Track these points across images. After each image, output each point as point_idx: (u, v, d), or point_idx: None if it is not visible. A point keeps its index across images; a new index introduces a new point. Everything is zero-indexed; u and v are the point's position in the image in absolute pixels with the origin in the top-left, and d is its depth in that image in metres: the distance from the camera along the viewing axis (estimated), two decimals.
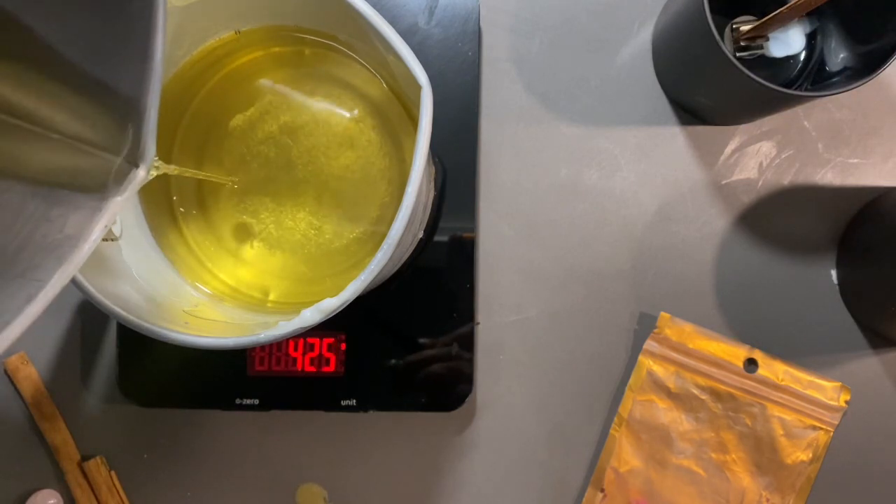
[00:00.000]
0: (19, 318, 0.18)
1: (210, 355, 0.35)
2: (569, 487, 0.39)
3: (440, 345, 0.37)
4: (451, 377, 0.37)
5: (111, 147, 0.22)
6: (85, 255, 0.20)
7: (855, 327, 0.39)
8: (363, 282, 0.25)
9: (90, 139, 0.21)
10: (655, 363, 0.38)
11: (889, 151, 0.39)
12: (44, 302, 0.18)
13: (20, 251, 0.19)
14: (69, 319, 0.40)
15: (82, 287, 0.26)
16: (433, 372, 0.37)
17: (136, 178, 0.22)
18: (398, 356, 0.37)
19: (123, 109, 0.21)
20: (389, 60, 0.28)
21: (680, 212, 0.39)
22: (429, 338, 0.37)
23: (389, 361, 0.37)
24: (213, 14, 0.31)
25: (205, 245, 0.34)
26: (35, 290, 0.18)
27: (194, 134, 0.34)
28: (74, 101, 0.21)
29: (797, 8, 0.33)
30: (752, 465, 0.37)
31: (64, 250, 0.19)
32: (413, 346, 0.37)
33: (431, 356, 0.37)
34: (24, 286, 0.19)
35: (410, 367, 0.37)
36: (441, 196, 0.38)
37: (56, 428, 0.39)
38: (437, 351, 0.37)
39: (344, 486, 0.39)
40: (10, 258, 0.19)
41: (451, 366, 0.37)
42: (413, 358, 0.37)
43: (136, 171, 0.22)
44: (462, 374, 0.37)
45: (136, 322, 0.26)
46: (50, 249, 0.19)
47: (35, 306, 0.18)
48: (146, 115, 0.21)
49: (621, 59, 0.40)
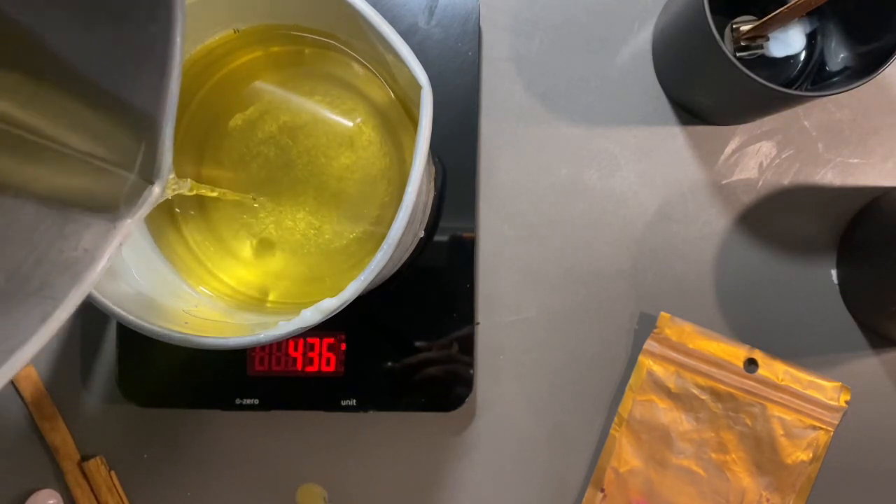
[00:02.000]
0: (34, 337, 0.18)
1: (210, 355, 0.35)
2: (569, 487, 0.39)
3: (440, 345, 0.37)
4: (450, 377, 0.37)
5: (126, 164, 0.21)
6: (100, 272, 0.19)
7: (855, 327, 0.39)
8: (363, 282, 0.25)
9: (105, 156, 0.21)
10: (655, 363, 0.38)
11: (889, 151, 0.39)
12: (59, 321, 0.18)
13: (35, 269, 0.19)
14: (69, 319, 0.40)
15: None
16: (433, 372, 0.37)
17: (152, 195, 0.21)
18: (398, 356, 0.37)
19: (139, 126, 0.21)
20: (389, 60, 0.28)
21: (680, 212, 0.39)
22: (429, 338, 0.37)
23: (389, 361, 0.37)
24: (212, 13, 0.31)
25: (204, 245, 0.34)
26: (50, 309, 0.18)
27: (194, 134, 0.34)
28: (89, 116, 0.21)
29: (797, 8, 0.33)
30: (752, 465, 0.37)
31: (79, 268, 0.19)
32: (413, 347, 0.37)
33: (431, 356, 0.37)
34: (38, 304, 0.18)
35: (410, 367, 0.37)
36: (441, 196, 0.38)
37: (56, 428, 0.39)
38: (437, 351, 0.37)
39: (344, 486, 0.39)
40: (25, 276, 0.19)
41: (451, 366, 0.37)
42: (413, 358, 0.37)
43: (152, 188, 0.21)
44: (462, 375, 0.37)
45: (136, 322, 0.26)
46: (65, 267, 0.19)
47: (50, 325, 0.18)
48: (162, 132, 0.21)
49: (621, 59, 0.40)
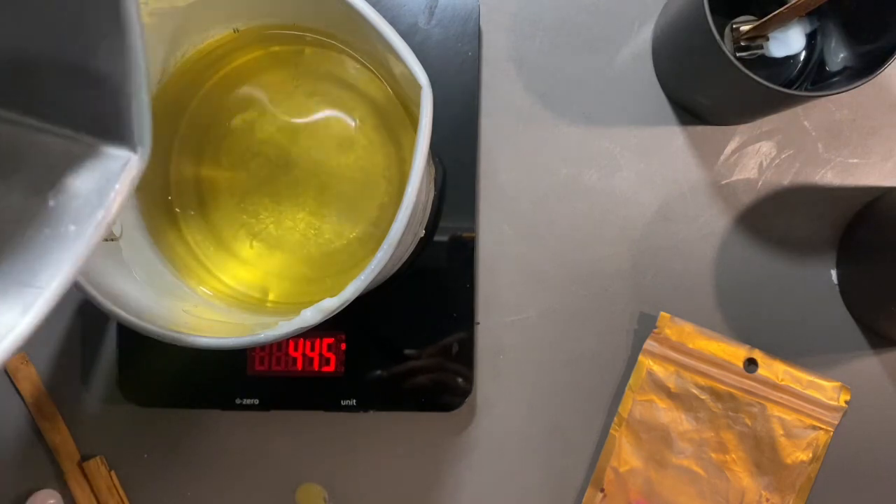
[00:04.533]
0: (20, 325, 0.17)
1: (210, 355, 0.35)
2: (569, 487, 0.39)
3: (440, 345, 0.37)
4: (450, 377, 0.37)
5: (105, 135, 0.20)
6: (86, 253, 0.18)
7: (855, 327, 0.39)
8: (363, 282, 0.25)
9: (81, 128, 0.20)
10: (655, 363, 0.38)
11: (889, 151, 0.39)
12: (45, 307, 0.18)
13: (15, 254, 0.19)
14: (69, 319, 0.40)
15: (82, 287, 0.26)
16: (433, 372, 0.37)
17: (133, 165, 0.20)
18: (398, 356, 0.37)
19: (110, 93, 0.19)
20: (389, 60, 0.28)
21: (680, 212, 0.39)
22: (429, 338, 0.37)
23: (389, 361, 0.37)
24: (212, 13, 0.31)
25: (204, 245, 0.34)
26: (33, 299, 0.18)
27: (194, 134, 0.34)
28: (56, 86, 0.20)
29: (797, 8, 0.33)
30: (751, 464, 0.37)
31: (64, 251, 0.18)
32: (413, 347, 0.37)
33: (431, 357, 0.37)
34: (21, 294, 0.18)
35: (410, 367, 0.37)
36: (441, 196, 0.38)
37: (56, 428, 0.39)
38: (437, 352, 0.37)
39: (344, 486, 0.39)
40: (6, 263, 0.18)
41: (451, 366, 0.37)
42: (413, 358, 0.37)
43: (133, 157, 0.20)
44: (462, 374, 0.37)
45: (136, 322, 0.26)
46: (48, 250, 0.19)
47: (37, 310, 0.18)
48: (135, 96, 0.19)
49: (621, 59, 0.39)
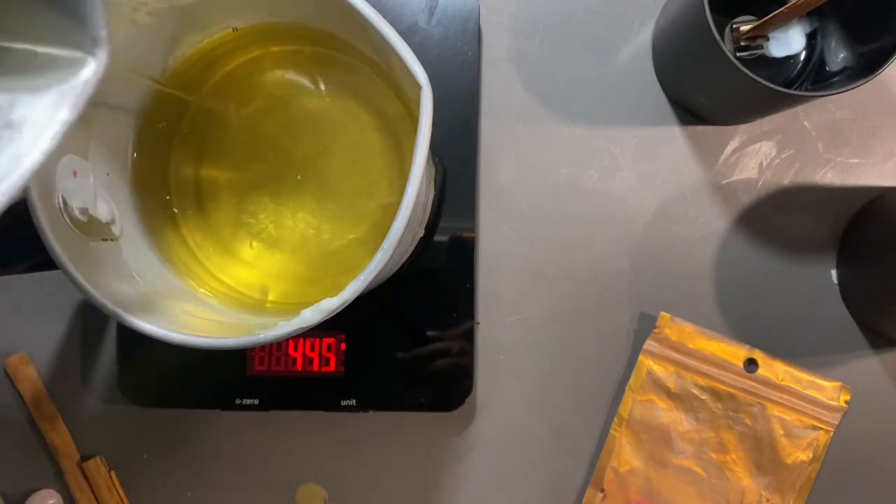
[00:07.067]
0: None
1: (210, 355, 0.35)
2: (569, 487, 0.39)
3: (440, 345, 0.37)
4: (451, 377, 0.37)
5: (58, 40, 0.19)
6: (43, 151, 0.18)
7: (855, 327, 0.39)
8: (363, 282, 0.25)
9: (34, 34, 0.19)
10: (655, 363, 0.38)
11: (889, 151, 0.39)
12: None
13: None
14: (69, 319, 0.40)
15: (82, 287, 0.26)
16: (433, 372, 0.37)
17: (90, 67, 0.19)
18: (398, 356, 0.37)
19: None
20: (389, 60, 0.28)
21: (680, 212, 0.39)
22: (429, 338, 0.37)
23: (389, 361, 0.37)
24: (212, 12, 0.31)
25: (204, 245, 0.34)
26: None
27: (193, 134, 0.34)
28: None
29: (797, 8, 0.33)
30: (752, 465, 0.37)
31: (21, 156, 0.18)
32: (413, 347, 0.37)
33: (431, 356, 0.37)
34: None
35: (410, 367, 0.37)
36: (441, 196, 0.38)
37: (56, 428, 0.39)
38: (437, 351, 0.37)
39: (344, 486, 0.39)
40: None
41: (451, 366, 0.37)
42: (413, 358, 0.37)
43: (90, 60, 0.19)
44: (462, 374, 0.37)
45: (136, 322, 0.26)
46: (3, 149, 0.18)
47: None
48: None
49: (621, 59, 0.39)
